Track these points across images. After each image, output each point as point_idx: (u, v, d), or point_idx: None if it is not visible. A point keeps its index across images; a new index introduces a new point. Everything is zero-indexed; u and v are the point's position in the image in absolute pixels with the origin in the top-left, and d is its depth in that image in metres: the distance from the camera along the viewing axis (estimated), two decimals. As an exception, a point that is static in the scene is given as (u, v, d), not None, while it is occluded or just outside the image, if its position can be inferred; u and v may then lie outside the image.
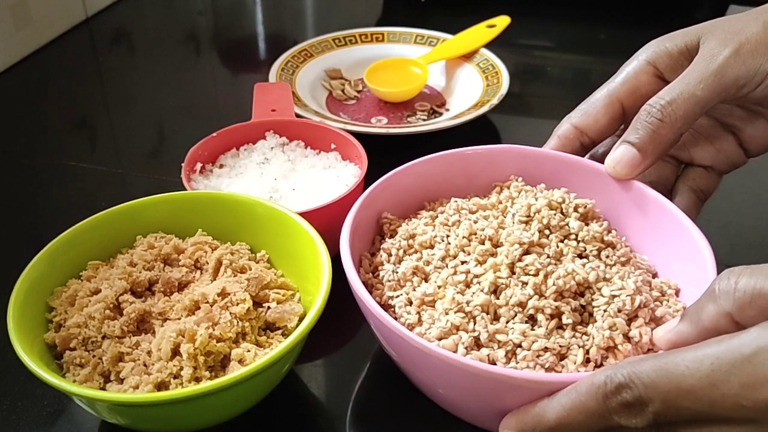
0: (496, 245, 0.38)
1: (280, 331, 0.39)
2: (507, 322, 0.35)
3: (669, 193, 0.45)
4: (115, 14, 0.89)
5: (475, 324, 0.35)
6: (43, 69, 0.77)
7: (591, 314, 0.36)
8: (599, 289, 0.36)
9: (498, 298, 0.36)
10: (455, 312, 0.35)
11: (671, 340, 0.31)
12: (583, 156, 0.44)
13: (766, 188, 0.58)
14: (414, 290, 0.38)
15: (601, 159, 0.43)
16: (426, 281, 0.38)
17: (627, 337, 0.35)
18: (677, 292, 0.39)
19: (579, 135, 0.44)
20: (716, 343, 0.27)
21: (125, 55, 0.82)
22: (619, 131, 0.44)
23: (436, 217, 0.42)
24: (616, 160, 0.41)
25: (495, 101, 0.62)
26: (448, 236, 0.40)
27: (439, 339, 0.35)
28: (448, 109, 0.67)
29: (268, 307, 0.39)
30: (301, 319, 0.39)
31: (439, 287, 0.37)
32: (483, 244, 0.38)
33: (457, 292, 0.36)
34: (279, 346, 0.34)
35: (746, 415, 0.26)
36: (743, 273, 0.28)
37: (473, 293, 0.36)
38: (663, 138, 0.39)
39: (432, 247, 0.40)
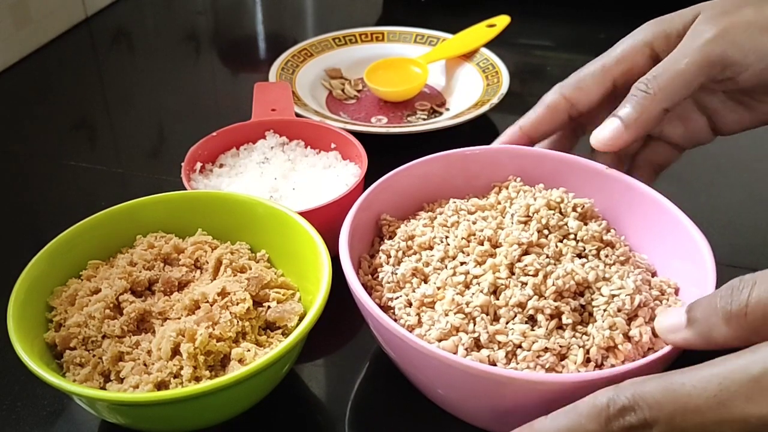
0: (495, 246, 0.38)
1: (280, 331, 0.39)
2: (507, 323, 0.35)
3: (629, 162, 0.46)
4: (114, 14, 0.89)
5: (474, 325, 0.35)
6: (43, 69, 0.77)
7: (591, 314, 0.36)
8: (599, 289, 0.36)
9: (497, 299, 0.36)
10: (455, 313, 0.35)
11: (677, 344, 0.31)
12: (567, 127, 0.45)
13: (766, 187, 0.58)
14: (413, 291, 0.37)
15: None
16: (425, 282, 0.38)
17: (627, 337, 0.35)
18: (677, 291, 0.39)
19: (568, 107, 0.44)
20: (722, 363, 0.27)
21: (125, 55, 0.82)
22: (607, 107, 0.45)
23: (435, 218, 0.42)
24: (599, 130, 0.41)
25: (495, 101, 0.62)
26: (447, 237, 0.40)
27: (439, 340, 0.34)
28: (448, 109, 0.67)
29: (268, 307, 0.39)
30: (301, 319, 0.39)
31: (439, 288, 0.37)
32: (482, 244, 0.38)
33: (457, 293, 0.36)
34: (279, 345, 0.34)
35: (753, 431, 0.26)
36: (755, 285, 0.28)
37: (473, 294, 0.36)
38: (648, 111, 0.40)
39: (431, 248, 0.40)
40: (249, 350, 0.36)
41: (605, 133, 0.41)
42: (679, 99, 0.40)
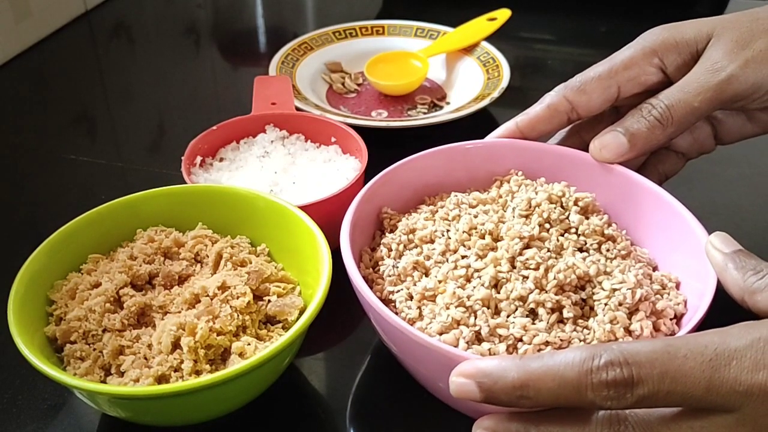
0: (497, 239, 0.38)
1: (280, 325, 0.39)
2: (508, 317, 0.35)
3: (636, 171, 0.46)
4: (114, 7, 0.89)
5: (476, 318, 0.35)
6: (43, 62, 0.77)
7: (592, 308, 0.36)
8: (600, 283, 0.36)
9: (499, 293, 0.36)
10: (456, 306, 0.35)
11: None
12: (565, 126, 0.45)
13: (766, 181, 0.58)
14: (414, 285, 0.37)
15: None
16: (426, 276, 0.38)
17: (628, 331, 0.35)
18: (678, 285, 0.39)
19: (569, 110, 0.44)
20: (717, 334, 0.27)
21: (125, 49, 0.81)
22: (607, 113, 0.45)
23: (436, 211, 0.42)
24: (603, 144, 0.42)
25: (496, 94, 0.62)
26: (448, 231, 0.40)
27: (440, 333, 0.34)
28: (448, 103, 0.67)
29: (269, 301, 0.39)
30: (301, 313, 0.39)
31: (440, 282, 0.37)
32: (483, 238, 0.38)
33: (458, 287, 0.36)
34: (279, 339, 0.34)
35: (734, 402, 0.26)
36: None
37: (474, 287, 0.36)
38: (655, 138, 0.41)
39: (432, 241, 0.40)
40: (249, 344, 0.36)
41: (609, 148, 0.42)
42: (687, 128, 0.41)
